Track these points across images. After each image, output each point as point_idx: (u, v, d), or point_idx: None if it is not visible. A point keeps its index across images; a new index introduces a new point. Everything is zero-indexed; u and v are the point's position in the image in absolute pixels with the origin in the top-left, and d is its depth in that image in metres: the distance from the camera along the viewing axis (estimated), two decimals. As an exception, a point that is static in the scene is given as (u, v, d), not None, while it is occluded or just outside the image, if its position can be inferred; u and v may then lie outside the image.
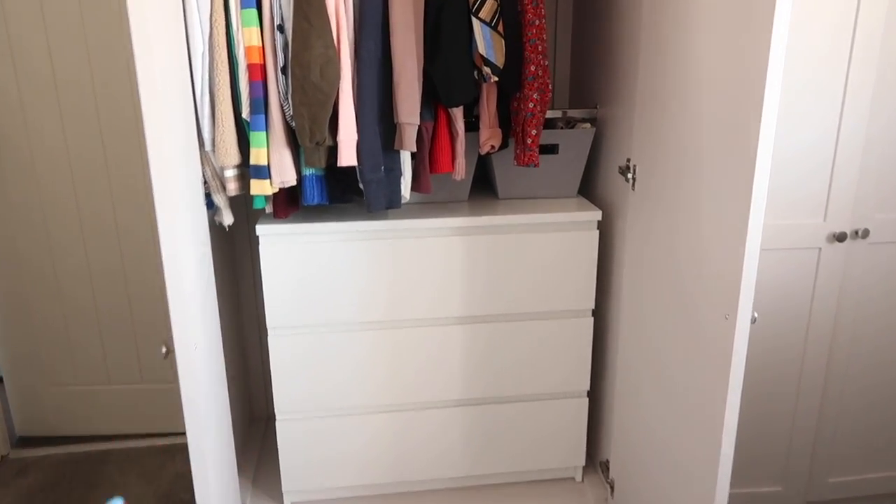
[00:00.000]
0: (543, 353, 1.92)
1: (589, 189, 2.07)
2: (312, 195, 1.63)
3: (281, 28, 1.52)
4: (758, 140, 1.13)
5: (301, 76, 1.49)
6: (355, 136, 1.56)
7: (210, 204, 1.65)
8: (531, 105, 1.69)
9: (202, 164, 1.60)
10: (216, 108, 1.54)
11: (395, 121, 1.58)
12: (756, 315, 1.21)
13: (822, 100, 1.63)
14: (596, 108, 2.00)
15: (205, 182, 1.62)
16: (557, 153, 1.94)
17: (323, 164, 1.57)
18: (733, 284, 1.21)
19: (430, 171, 1.72)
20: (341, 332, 1.82)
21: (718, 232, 1.26)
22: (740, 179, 1.18)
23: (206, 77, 1.53)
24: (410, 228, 1.77)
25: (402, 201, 1.69)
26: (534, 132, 1.72)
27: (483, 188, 2.07)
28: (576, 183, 1.99)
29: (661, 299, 1.53)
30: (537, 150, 1.74)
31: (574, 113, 2.02)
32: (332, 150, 1.59)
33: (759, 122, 1.12)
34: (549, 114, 1.99)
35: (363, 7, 1.52)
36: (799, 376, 1.83)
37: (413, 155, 1.72)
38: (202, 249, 1.56)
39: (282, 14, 1.52)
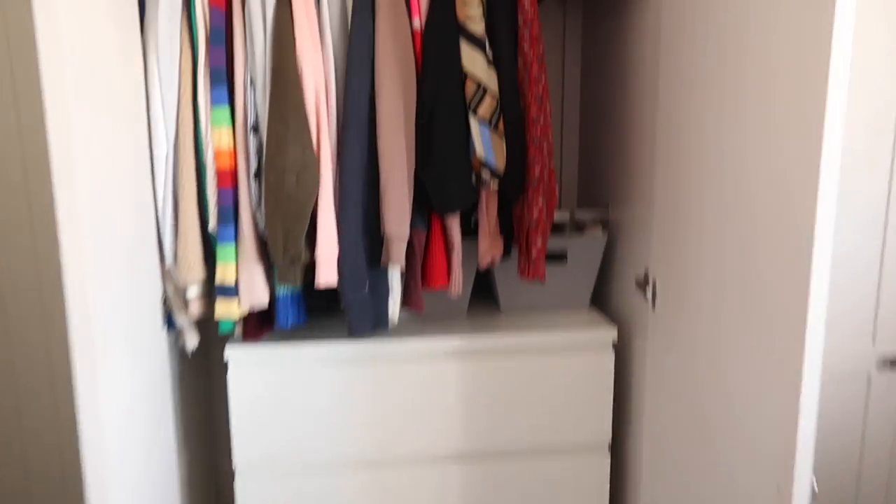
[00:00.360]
0: (553, 498, 1.66)
1: (603, 299, 1.86)
2: (287, 317, 1.41)
3: (255, 128, 1.35)
4: (811, 259, 0.92)
5: (274, 184, 1.30)
6: (336, 251, 1.36)
7: (172, 324, 1.44)
8: (536, 212, 1.50)
9: (164, 280, 1.40)
10: (179, 218, 1.35)
11: (382, 233, 1.39)
12: (816, 487, 0.98)
13: (866, 205, 1.44)
14: (608, 208, 1.82)
15: (165, 300, 1.41)
16: (566, 262, 1.75)
17: (298, 282, 1.37)
18: (785, 446, 0.98)
19: (423, 287, 1.52)
20: (322, 475, 1.57)
21: (763, 374, 1.04)
22: (790, 309, 0.97)
23: (170, 183, 1.35)
24: (401, 351, 1.55)
25: (391, 322, 1.48)
26: (539, 242, 1.52)
27: (484, 297, 1.87)
28: (587, 294, 1.78)
29: (690, 444, 1.29)
30: (544, 262, 1.54)
31: (583, 214, 1.84)
32: (310, 266, 1.39)
33: (813, 235, 0.92)
34: (557, 216, 1.81)
35: (347, 104, 1.35)
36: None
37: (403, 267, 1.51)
38: (152, 405, 1.33)
39: (256, 113, 1.35)
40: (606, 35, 1.81)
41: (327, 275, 1.36)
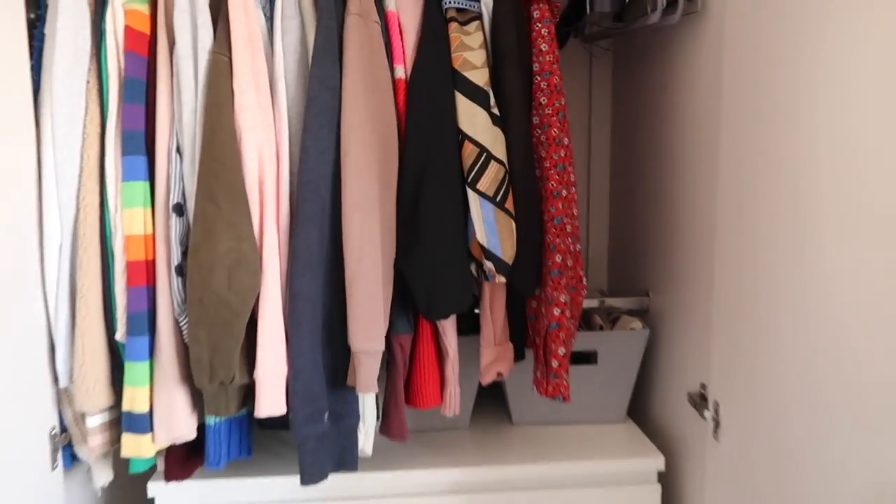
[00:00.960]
0: None
1: (643, 410, 1.48)
2: (218, 454, 1.06)
3: (180, 209, 1.02)
4: None
5: (199, 283, 0.97)
6: (284, 372, 1.02)
7: (71, 460, 1.10)
8: (557, 311, 1.14)
9: (60, 404, 1.07)
10: (77, 326, 1.02)
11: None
12: None
13: None
14: (647, 296, 1.45)
15: (64, 430, 1.07)
16: (596, 363, 1.38)
17: (232, 410, 1.03)
18: None
19: (409, 405, 1.16)
20: None
21: None
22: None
23: (66, 281, 1.02)
24: (381, 487, 1.18)
25: (360, 458, 1.12)
26: (561, 351, 1.16)
27: (491, 405, 1.49)
28: (623, 404, 1.41)
29: None
30: (566, 375, 1.17)
31: (616, 302, 1.47)
32: (249, 389, 1.04)
33: None
34: (586, 303, 1.44)
35: (303, 178, 1.02)
36: None
37: (381, 384, 1.16)
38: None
39: (182, 188, 1.02)
40: (645, 85, 1.47)
41: (271, 404, 1.01)
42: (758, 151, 0.94)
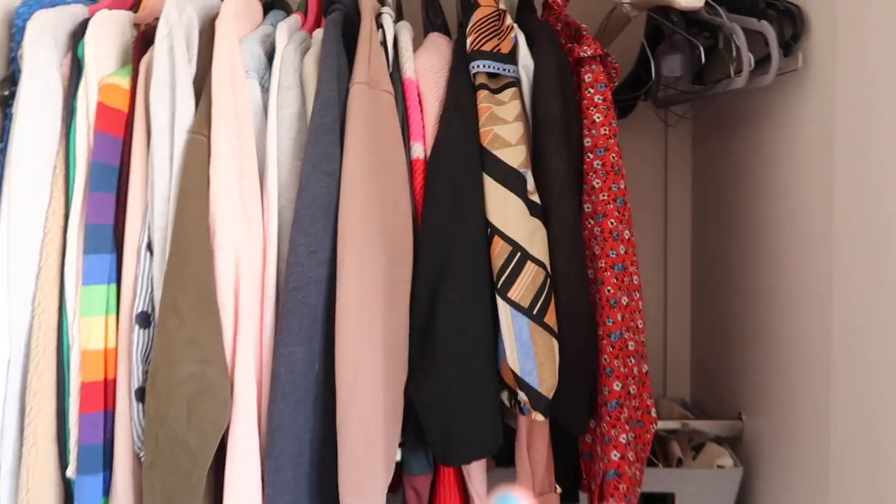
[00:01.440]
0: None
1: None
2: None
3: (145, 319, 0.85)
4: None
5: (156, 415, 0.78)
6: (258, 530, 0.81)
7: None
8: (616, 455, 0.89)
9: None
10: (23, 458, 0.85)
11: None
12: None
13: None
14: (741, 418, 1.16)
15: (11, 578, 0.90)
16: (673, 506, 1.10)
17: (193, 579, 0.82)
18: None
19: (427, 563, 0.92)
20: None
21: None
22: None
23: (14, 404, 0.86)
24: None
25: None
26: (624, 502, 0.89)
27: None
28: (709, 560, 1.11)
29: None
30: (630, 537, 0.90)
31: (701, 425, 1.19)
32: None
33: None
34: (662, 424, 1.17)
35: (289, 283, 0.83)
36: None
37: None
38: None
39: (150, 294, 0.85)
40: (733, 156, 1.22)
41: (241, 572, 0.80)
42: (881, 231, 0.68)
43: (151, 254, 0.86)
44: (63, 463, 0.86)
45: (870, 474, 0.76)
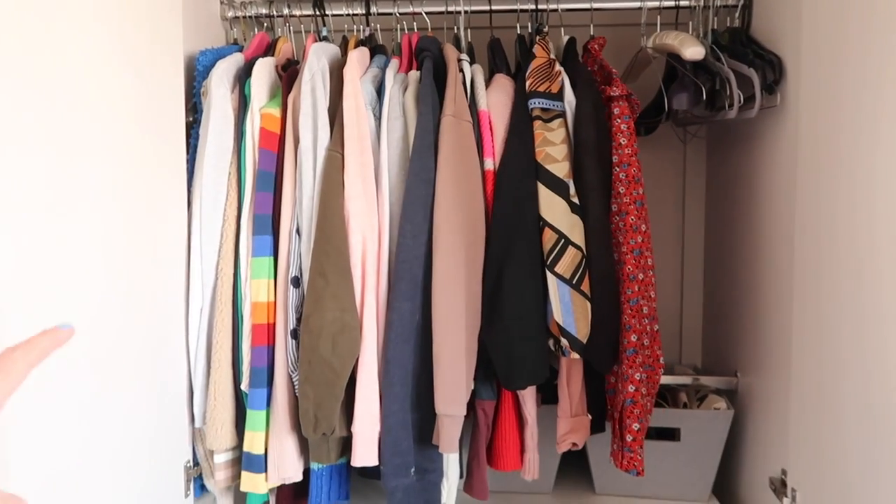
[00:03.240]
0: None
1: (728, 490, 1.48)
2: (320, 496, 1.21)
3: (297, 281, 1.20)
4: None
5: (309, 346, 1.13)
6: (377, 428, 1.15)
7: (200, 490, 1.28)
8: (632, 388, 1.21)
9: (194, 442, 1.26)
10: (210, 376, 1.21)
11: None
12: None
13: None
14: (736, 376, 1.47)
15: (196, 464, 1.26)
16: (679, 440, 1.41)
17: (333, 459, 1.17)
18: None
19: (490, 467, 1.26)
20: None
21: None
22: None
23: (204, 338, 1.22)
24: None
25: (443, 513, 1.23)
26: (636, 427, 1.22)
27: (575, 471, 1.55)
28: (707, 483, 1.42)
29: None
30: (640, 450, 1.22)
31: (705, 380, 1.50)
32: (347, 441, 1.18)
33: None
34: (674, 379, 1.49)
35: (399, 258, 1.17)
36: None
37: (466, 443, 1.27)
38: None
39: (300, 264, 1.20)
40: (734, 170, 1.53)
41: (365, 455, 1.15)
42: (833, 244, 0.98)
43: (300, 236, 1.21)
44: (237, 381, 1.22)
45: (823, 423, 1.05)
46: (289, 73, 1.32)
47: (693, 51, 1.28)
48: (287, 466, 1.17)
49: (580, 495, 1.45)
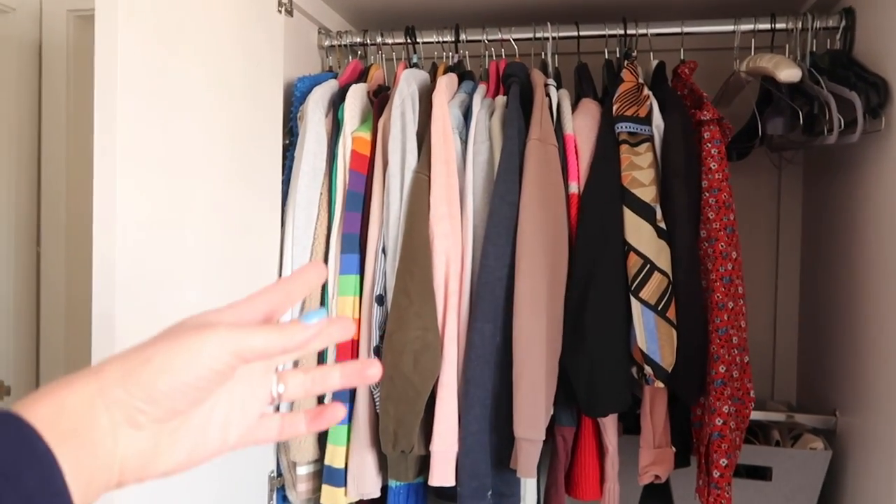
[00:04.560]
0: None
1: (825, 535, 1.40)
2: (397, 515, 1.22)
3: (381, 300, 1.23)
4: None
5: (391, 363, 1.15)
6: (455, 448, 1.16)
7: (283, 501, 1.32)
8: (719, 422, 1.16)
9: (278, 453, 1.30)
10: (296, 390, 1.25)
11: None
12: None
13: None
14: (835, 415, 1.39)
15: (279, 474, 1.30)
16: (770, 479, 1.34)
17: (410, 477, 1.18)
18: None
19: (569, 495, 1.24)
20: None
21: None
22: None
23: (291, 352, 1.26)
24: (536, 571, 1.26)
25: (519, 539, 1.21)
26: (723, 462, 1.17)
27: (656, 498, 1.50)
28: (801, 527, 1.34)
29: None
30: (728, 488, 1.17)
31: (800, 418, 1.42)
32: (425, 460, 1.19)
33: None
34: (766, 415, 1.42)
35: (481, 278, 1.18)
36: None
37: (545, 470, 1.25)
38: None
39: (384, 282, 1.23)
40: (833, 198, 1.46)
41: (442, 475, 1.15)
42: None
43: (385, 255, 1.24)
44: (322, 397, 1.25)
45: None
46: (380, 99, 1.37)
47: (788, 73, 1.24)
48: (366, 482, 1.19)
49: (664, 533, 1.40)
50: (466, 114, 1.32)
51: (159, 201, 0.94)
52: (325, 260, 1.27)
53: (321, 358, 1.25)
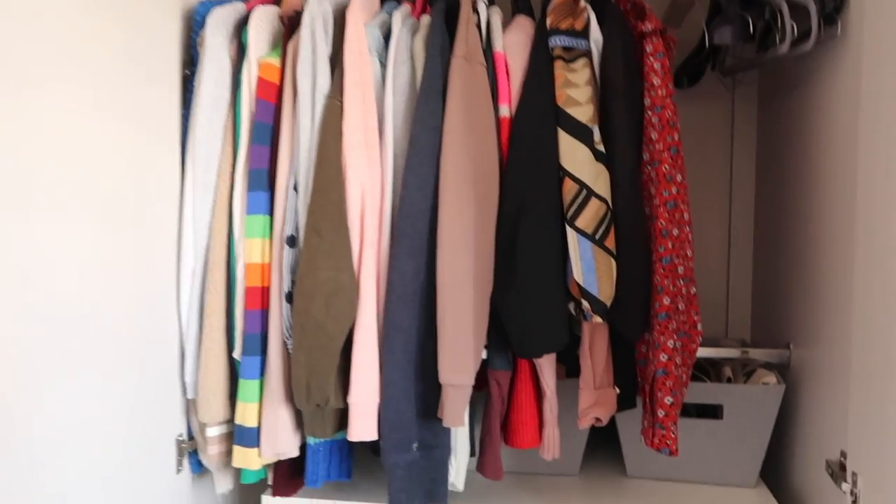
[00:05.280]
0: None
1: (777, 472, 1.33)
2: (317, 474, 1.12)
3: (292, 241, 1.11)
4: None
5: (302, 309, 1.04)
6: (376, 399, 1.05)
7: (199, 466, 1.21)
8: (664, 357, 1.08)
9: (189, 414, 1.18)
10: (202, 342, 1.13)
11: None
12: None
13: None
14: (788, 349, 1.31)
15: (191, 437, 1.19)
16: (722, 418, 1.27)
17: (329, 433, 1.08)
18: None
19: (506, 444, 1.15)
20: None
21: None
22: None
23: (196, 302, 1.14)
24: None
25: (452, 492, 1.12)
26: (668, 400, 1.08)
27: (605, 452, 1.42)
28: (755, 466, 1.28)
29: None
30: (674, 427, 1.09)
31: (753, 353, 1.34)
32: (346, 413, 1.09)
33: None
34: (718, 352, 1.34)
35: (402, 211, 1.06)
36: None
37: (479, 418, 1.16)
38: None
39: (296, 221, 1.11)
40: (788, 118, 1.36)
41: (363, 428, 1.05)
42: None
43: (297, 192, 1.12)
44: (230, 348, 1.14)
45: (889, 400, 0.90)
46: (291, 22, 1.22)
47: (736, -23, 1.13)
48: (281, 441, 1.09)
49: (610, 478, 1.32)
50: (388, 36, 1.18)
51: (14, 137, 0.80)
52: (231, 199, 1.14)
53: (230, 300, 1.13)
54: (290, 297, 1.09)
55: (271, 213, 1.13)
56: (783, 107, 1.39)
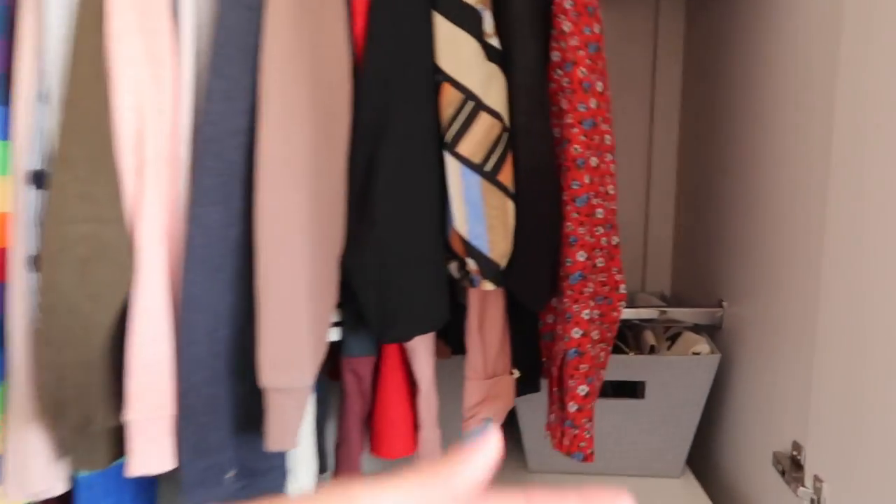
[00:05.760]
0: None
1: (707, 460, 1.11)
2: (96, 516, 0.78)
3: (39, 178, 0.73)
4: None
5: (47, 280, 0.68)
6: (168, 412, 0.71)
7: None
8: (577, 333, 0.80)
9: None
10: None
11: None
12: None
13: None
14: (721, 306, 1.07)
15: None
16: (643, 397, 1.02)
17: (101, 464, 0.74)
18: None
19: (372, 454, 0.85)
20: None
21: None
22: None
23: None
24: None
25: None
26: (582, 390, 0.81)
27: (503, 446, 1.15)
28: (681, 453, 1.04)
29: None
30: (589, 425, 0.82)
31: (678, 313, 1.10)
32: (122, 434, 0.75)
33: None
34: (636, 313, 1.09)
35: (204, 133, 0.71)
36: None
37: (332, 417, 0.85)
38: None
39: (44, 149, 0.73)
40: (726, 37, 1.08)
41: (148, 456, 0.71)
42: (883, 104, 0.57)
43: (45, 103, 0.74)
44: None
45: (854, 359, 0.67)
46: None
47: None
48: (34, 476, 0.73)
49: (508, 474, 1.06)
50: None
51: None
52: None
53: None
54: (35, 264, 0.73)
55: (11, 137, 0.75)
56: (717, 19, 1.11)
